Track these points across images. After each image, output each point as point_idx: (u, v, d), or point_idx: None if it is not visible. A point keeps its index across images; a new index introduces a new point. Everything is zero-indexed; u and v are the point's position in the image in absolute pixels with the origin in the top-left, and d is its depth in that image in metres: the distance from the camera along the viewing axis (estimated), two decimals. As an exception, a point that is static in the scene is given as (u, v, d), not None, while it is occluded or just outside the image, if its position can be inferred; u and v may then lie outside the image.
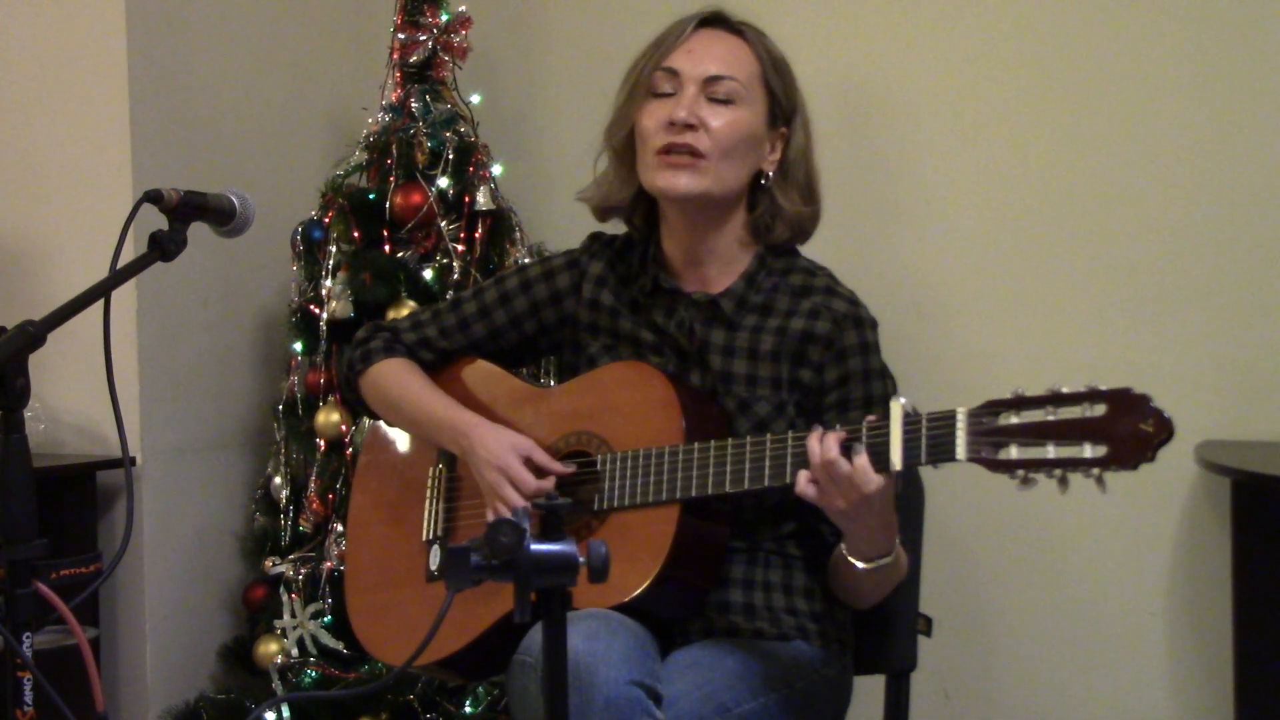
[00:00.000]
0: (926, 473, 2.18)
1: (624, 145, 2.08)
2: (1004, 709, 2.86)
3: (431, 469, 2.14)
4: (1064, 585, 2.80)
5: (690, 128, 1.97)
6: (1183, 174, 2.69)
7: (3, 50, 3.04)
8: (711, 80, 2.00)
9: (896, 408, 1.71)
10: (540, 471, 1.99)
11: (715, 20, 2.07)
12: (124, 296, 2.84)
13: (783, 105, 2.05)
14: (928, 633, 2.14)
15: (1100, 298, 2.75)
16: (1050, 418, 1.59)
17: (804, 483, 1.77)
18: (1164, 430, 1.54)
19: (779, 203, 2.04)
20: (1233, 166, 2.66)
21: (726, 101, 2.00)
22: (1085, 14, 2.77)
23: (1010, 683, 2.85)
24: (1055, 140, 2.79)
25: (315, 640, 2.83)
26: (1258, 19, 2.65)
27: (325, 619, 2.83)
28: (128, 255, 1.60)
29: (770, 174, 2.04)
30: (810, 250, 2.13)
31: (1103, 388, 1.57)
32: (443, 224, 2.94)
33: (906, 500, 2.13)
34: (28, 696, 1.47)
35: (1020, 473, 1.61)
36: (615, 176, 2.10)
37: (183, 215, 1.64)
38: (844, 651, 2.03)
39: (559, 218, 3.11)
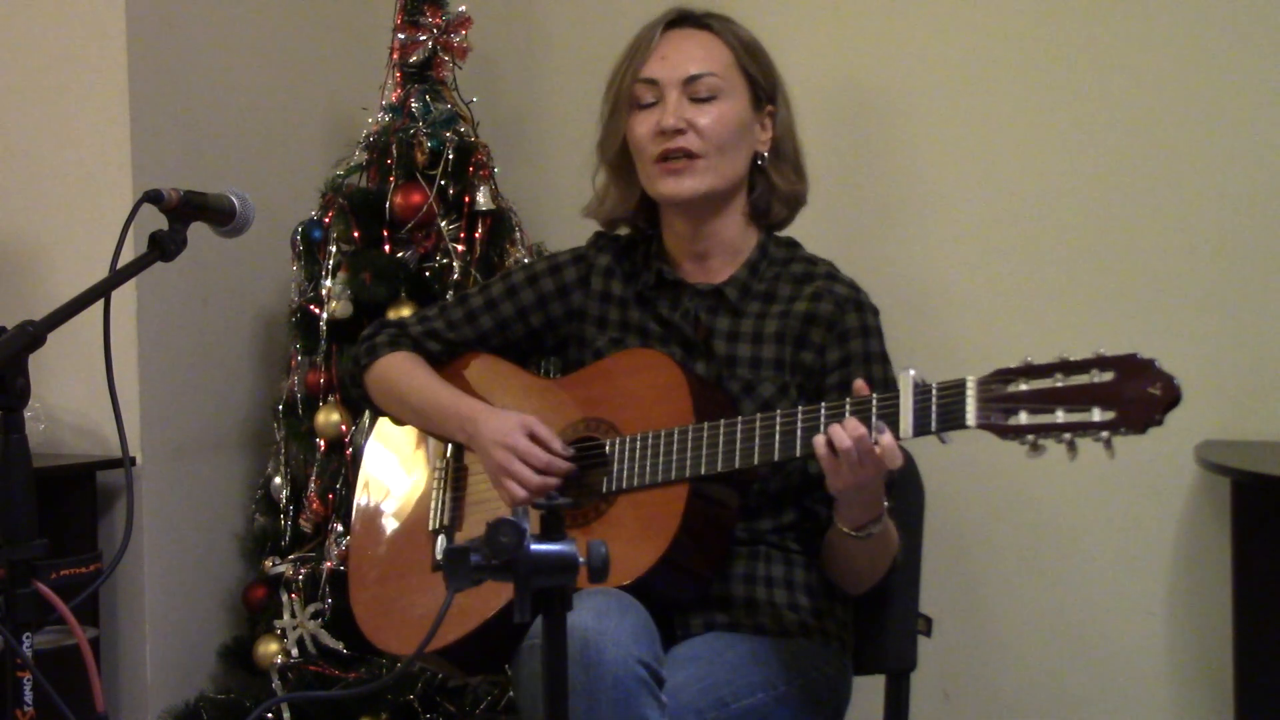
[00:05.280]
0: (926, 473, 2.18)
1: (619, 158, 2.11)
2: (1004, 709, 2.86)
3: (439, 460, 2.14)
4: (1064, 585, 2.79)
5: (680, 132, 2.00)
6: (1183, 173, 2.69)
7: (3, 50, 3.04)
8: (690, 81, 2.03)
9: (906, 378, 1.72)
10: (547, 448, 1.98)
11: (681, 19, 2.10)
12: (124, 296, 2.84)
13: (763, 86, 2.08)
14: (928, 633, 2.14)
15: (1100, 297, 2.75)
16: (1059, 384, 1.61)
17: (823, 448, 1.75)
18: (1171, 393, 1.56)
19: (774, 181, 2.08)
20: (1233, 167, 2.65)
21: (709, 98, 2.02)
22: (1087, 12, 2.77)
23: (1010, 683, 2.85)
24: (1056, 139, 2.79)
25: (315, 640, 2.83)
26: (1259, 19, 2.65)
27: (325, 619, 2.83)
28: (128, 255, 1.60)
29: (765, 154, 2.07)
30: (810, 246, 2.14)
31: (1108, 354, 1.59)
32: (443, 224, 2.94)
33: (906, 501, 2.13)
34: (28, 696, 1.47)
35: (1030, 438, 1.61)
36: (616, 189, 2.14)
37: (183, 215, 1.64)
38: (844, 650, 2.04)
39: (559, 218, 3.11)
